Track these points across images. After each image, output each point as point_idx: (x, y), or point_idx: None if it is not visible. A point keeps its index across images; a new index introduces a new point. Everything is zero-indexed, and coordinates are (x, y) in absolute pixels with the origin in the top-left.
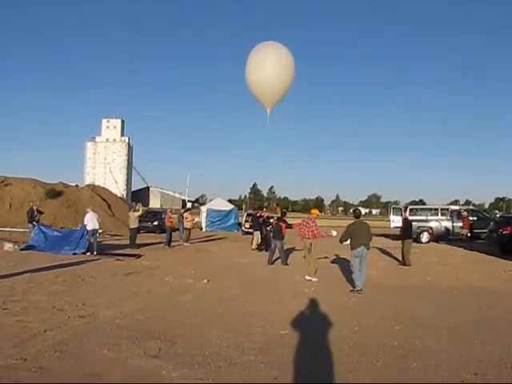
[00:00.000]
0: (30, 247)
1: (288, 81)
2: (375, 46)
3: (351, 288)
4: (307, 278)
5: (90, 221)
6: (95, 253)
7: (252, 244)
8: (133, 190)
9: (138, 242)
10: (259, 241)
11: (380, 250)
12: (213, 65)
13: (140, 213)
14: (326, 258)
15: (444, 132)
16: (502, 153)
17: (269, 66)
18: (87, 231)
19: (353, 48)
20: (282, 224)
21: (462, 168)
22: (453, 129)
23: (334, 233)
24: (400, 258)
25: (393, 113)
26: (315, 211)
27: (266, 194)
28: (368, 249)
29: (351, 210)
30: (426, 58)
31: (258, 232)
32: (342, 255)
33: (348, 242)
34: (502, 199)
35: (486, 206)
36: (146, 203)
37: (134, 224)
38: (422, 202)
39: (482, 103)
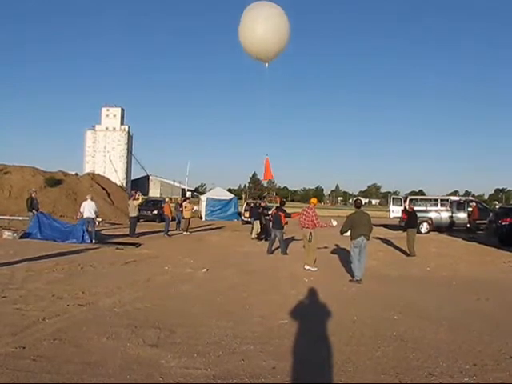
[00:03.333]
0: (28, 235)
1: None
2: (376, 35)
3: (350, 278)
4: (307, 267)
5: (86, 209)
6: (94, 241)
7: (251, 233)
8: (132, 178)
9: (137, 230)
10: (259, 230)
11: (380, 239)
12: (213, 53)
13: (140, 201)
14: (325, 247)
15: (444, 122)
16: (501, 144)
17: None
18: (83, 219)
19: (354, 35)
20: (281, 213)
21: (461, 159)
22: (453, 119)
23: (334, 223)
24: (400, 249)
25: (393, 102)
26: (313, 200)
27: (265, 184)
28: (368, 239)
29: (351, 200)
30: (426, 48)
31: (258, 221)
32: (341, 245)
33: (348, 233)
34: (502, 190)
35: (486, 197)
36: (145, 192)
37: (133, 213)
38: (421, 193)
39: (483, 93)
